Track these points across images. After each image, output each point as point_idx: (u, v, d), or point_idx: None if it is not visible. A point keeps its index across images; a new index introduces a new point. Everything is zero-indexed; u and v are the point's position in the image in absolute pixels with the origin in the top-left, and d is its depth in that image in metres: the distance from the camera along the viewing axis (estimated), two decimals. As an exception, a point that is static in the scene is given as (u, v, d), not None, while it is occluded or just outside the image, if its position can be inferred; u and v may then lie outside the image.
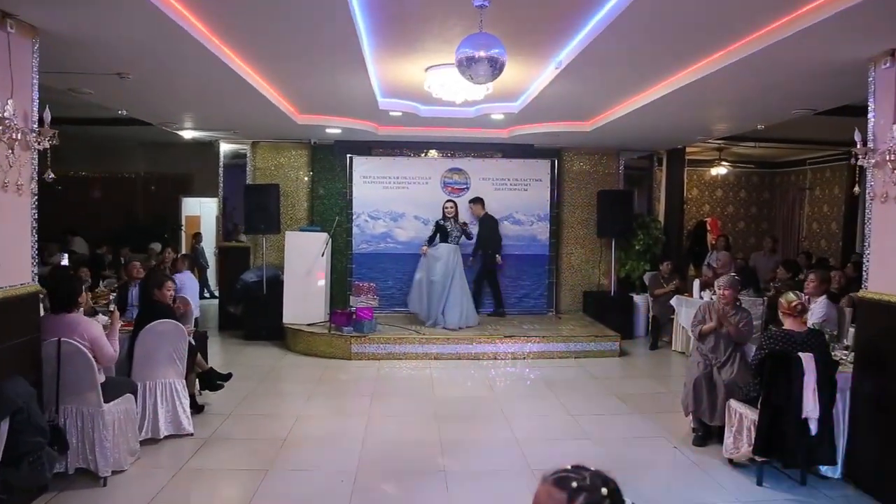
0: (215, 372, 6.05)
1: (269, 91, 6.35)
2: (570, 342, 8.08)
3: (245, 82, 5.60)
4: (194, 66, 5.06)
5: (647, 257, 9.53)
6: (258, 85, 5.95)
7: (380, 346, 7.95)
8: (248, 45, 4.96)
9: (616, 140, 8.88)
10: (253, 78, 5.78)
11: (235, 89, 5.85)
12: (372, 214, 9.67)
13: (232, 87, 5.76)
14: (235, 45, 4.99)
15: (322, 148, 9.73)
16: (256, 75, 5.84)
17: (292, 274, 8.66)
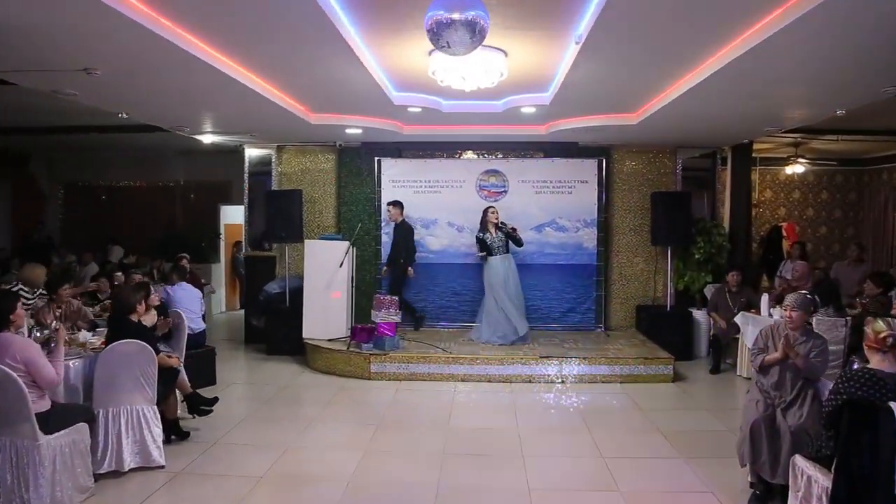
0: (199, 396, 5.45)
1: (263, 86, 5.75)
2: (615, 364, 7.10)
3: (227, 77, 5.04)
4: (159, 57, 4.50)
5: (708, 267, 8.41)
6: (247, 80, 5.37)
7: (401, 366, 7.21)
8: (217, 34, 4.39)
9: (670, 135, 7.83)
10: (238, 72, 5.20)
11: (220, 85, 5.30)
12: (402, 221, 8.96)
13: (215, 83, 5.21)
14: (205, 36, 4.45)
15: (348, 151, 9.11)
16: (245, 70, 5.26)
17: (312, 285, 8.05)
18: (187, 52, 4.38)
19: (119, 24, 3.80)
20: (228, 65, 5.00)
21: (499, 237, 7.80)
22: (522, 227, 8.62)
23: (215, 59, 4.77)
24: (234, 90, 5.47)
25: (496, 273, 7.81)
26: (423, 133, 8.20)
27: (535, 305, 8.80)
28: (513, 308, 7.76)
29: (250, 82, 5.44)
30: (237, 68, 5.16)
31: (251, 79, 5.45)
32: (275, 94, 6.05)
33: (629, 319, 8.98)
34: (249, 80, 5.41)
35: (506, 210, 8.65)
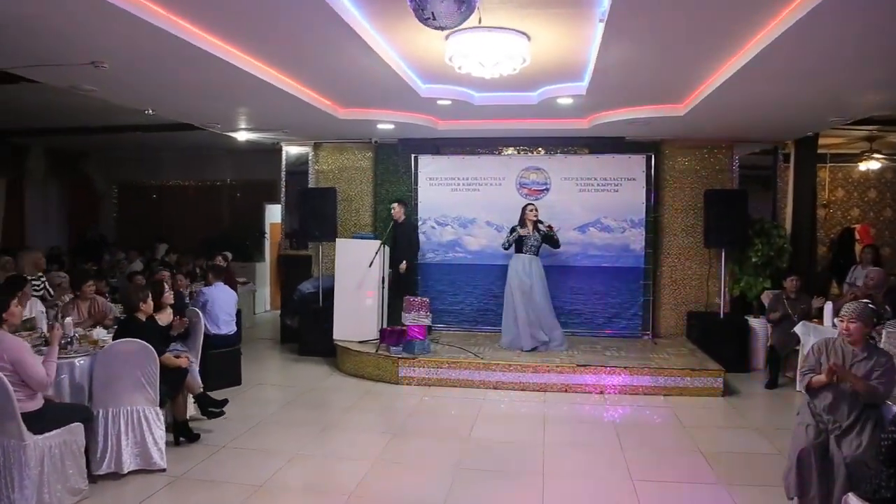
0: (208, 398, 5.28)
1: (278, 78, 5.54)
2: (659, 375, 6.56)
3: (236, 69, 4.88)
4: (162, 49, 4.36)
5: (766, 272, 7.74)
6: (258, 71, 5.18)
7: (430, 370, 6.89)
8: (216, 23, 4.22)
9: (723, 128, 7.23)
10: (248, 63, 5.01)
11: (231, 79, 5.14)
12: (439, 220, 8.65)
13: (225, 76, 5.06)
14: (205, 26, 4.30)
15: (385, 148, 8.86)
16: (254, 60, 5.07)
17: (343, 286, 7.82)
18: (186, 41, 4.22)
19: (117, 15, 3.67)
20: (236, 55, 4.81)
21: (535, 236, 7.38)
22: (565, 228, 8.21)
23: (219, 49, 4.58)
24: (248, 83, 5.29)
25: (517, 272, 7.36)
26: (459, 128, 7.85)
27: (578, 310, 8.33)
28: (532, 314, 7.31)
29: (263, 73, 5.24)
30: (245, 58, 4.96)
31: (263, 70, 5.24)
32: (292, 86, 5.82)
33: (679, 327, 8.37)
34: (260, 71, 5.20)
35: (547, 209, 8.23)
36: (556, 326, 7.42)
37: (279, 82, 5.55)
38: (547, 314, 7.37)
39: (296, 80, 5.77)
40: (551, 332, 7.33)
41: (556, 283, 8.26)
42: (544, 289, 7.41)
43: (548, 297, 7.44)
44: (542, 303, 7.34)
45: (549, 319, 7.37)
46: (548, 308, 7.39)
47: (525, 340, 7.27)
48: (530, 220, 7.36)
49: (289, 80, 5.72)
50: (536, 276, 7.35)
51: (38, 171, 11.62)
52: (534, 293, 7.31)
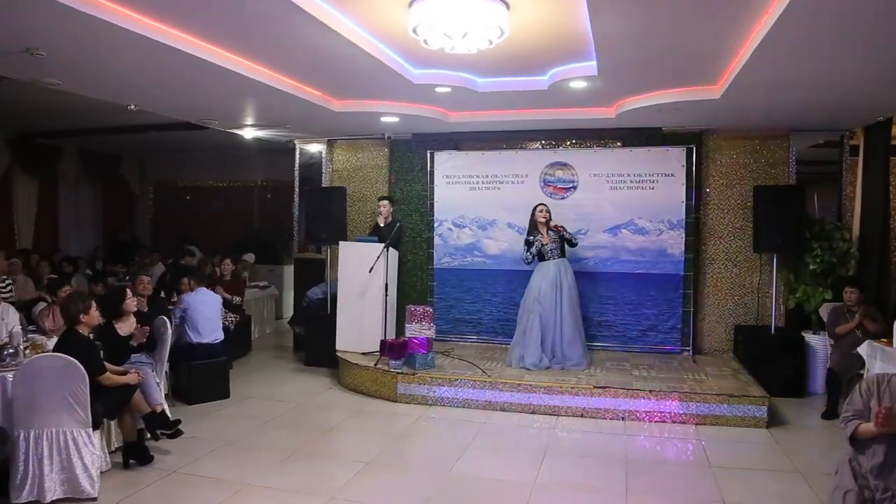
0: (158, 417, 4.76)
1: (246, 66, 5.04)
2: (691, 401, 5.66)
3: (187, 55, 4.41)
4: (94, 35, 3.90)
5: (827, 281, 6.66)
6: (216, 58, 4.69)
7: (431, 388, 6.21)
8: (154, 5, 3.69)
9: (774, 113, 6.21)
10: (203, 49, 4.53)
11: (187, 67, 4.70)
12: (456, 222, 7.96)
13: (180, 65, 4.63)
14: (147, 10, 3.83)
15: (399, 144, 8.25)
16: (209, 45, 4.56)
17: (346, 292, 7.25)
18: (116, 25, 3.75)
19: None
20: (176, 36, 4.29)
21: (553, 239, 6.60)
22: (594, 230, 7.41)
23: (159, 33, 4.11)
24: (208, 71, 4.82)
25: (541, 282, 6.59)
26: (474, 121, 7.16)
27: (608, 322, 7.46)
28: (550, 327, 6.53)
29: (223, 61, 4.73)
30: (192, 41, 4.44)
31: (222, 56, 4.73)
32: (263, 73, 5.29)
33: (725, 342, 7.38)
34: (218, 57, 4.69)
35: (575, 209, 7.46)
36: (578, 343, 6.58)
37: (244, 69, 5.03)
38: (570, 328, 6.53)
39: (267, 66, 5.24)
40: (569, 349, 6.50)
41: (584, 292, 7.39)
42: (573, 300, 6.61)
43: (575, 310, 6.63)
44: (568, 316, 6.52)
45: (570, 334, 6.53)
46: (573, 322, 6.57)
47: (532, 355, 6.50)
48: (540, 221, 6.60)
49: (258, 68, 5.19)
50: (567, 285, 6.54)
51: (72, 173, 11.63)
52: (562, 304, 6.49)
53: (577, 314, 6.64)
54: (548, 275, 6.58)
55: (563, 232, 6.60)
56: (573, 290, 6.60)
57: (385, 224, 7.45)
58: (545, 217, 6.62)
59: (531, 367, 6.44)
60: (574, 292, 6.61)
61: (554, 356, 6.51)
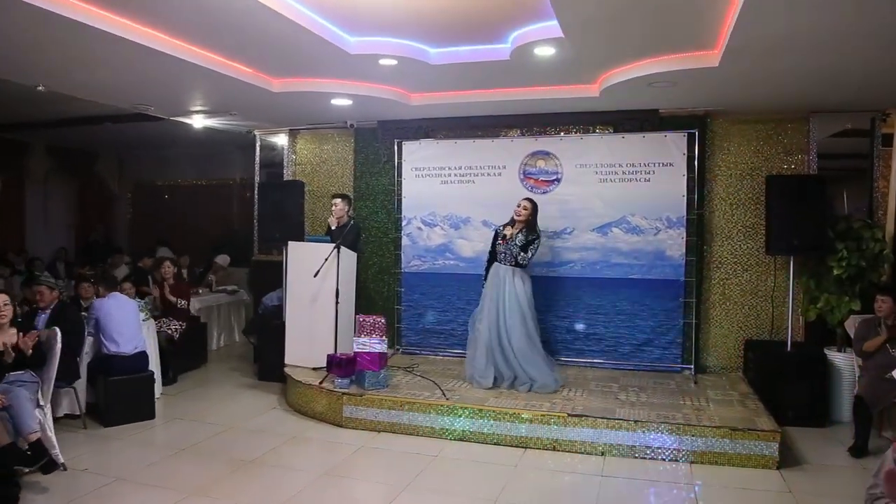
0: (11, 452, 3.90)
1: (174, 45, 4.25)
2: (685, 435, 4.66)
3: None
4: None
5: (856, 289, 5.60)
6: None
7: (380, 412, 5.30)
8: None
9: (789, 87, 5.18)
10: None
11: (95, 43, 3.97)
12: (426, 220, 7.04)
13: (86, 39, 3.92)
14: None
15: (364, 133, 7.36)
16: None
17: (296, 299, 6.39)
18: None
19: None
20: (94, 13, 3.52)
21: (518, 240, 5.67)
22: (581, 228, 6.47)
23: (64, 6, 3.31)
24: (123, 49, 4.05)
25: (492, 283, 5.78)
26: (441, 103, 6.24)
27: (597, 335, 6.48)
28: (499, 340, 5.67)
29: (138, 36, 4.00)
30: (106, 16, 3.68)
31: (136, 31, 3.97)
32: (186, 50, 4.52)
33: (733, 360, 6.35)
34: (132, 32, 3.96)
35: (559, 205, 6.52)
36: (538, 360, 5.63)
37: (162, 45, 4.30)
38: (522, 343, 5.60)
39: (187, 41, 4.45)
40: (530, 368, 5.56)
41: (569, 300, 6.51)
42: (522, 311, 5.65)
43: (526, 323, 5.65)
44: (518, 329, 5.60)
45: (524, 350, 5.59)
46: (525, 336, 5.62)
47: (480, 372, 5.61)
48: (516, 218, 5.70)
49: (178, 43, 4.41)
50: (513, 293, 5.64)
51: (39, 170, 10.97)
52: (505, 314, 5.61)
53: (529, 327, 5.66)
54: (494, 279, 5.75)
55: (509, 243, 5.70)
56: (523, 299, 5.65)
57: (338, 226, 6.56)
58: (519, 215, 5.70)
59: (480, 385, 5.61)
60: (524, 302, 5.65)
61: (517, 377, 5.57)
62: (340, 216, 6.59)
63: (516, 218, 5.74)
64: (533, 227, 5.73)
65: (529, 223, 5.72)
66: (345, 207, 6.60)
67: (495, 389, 5.55)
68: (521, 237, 5.67)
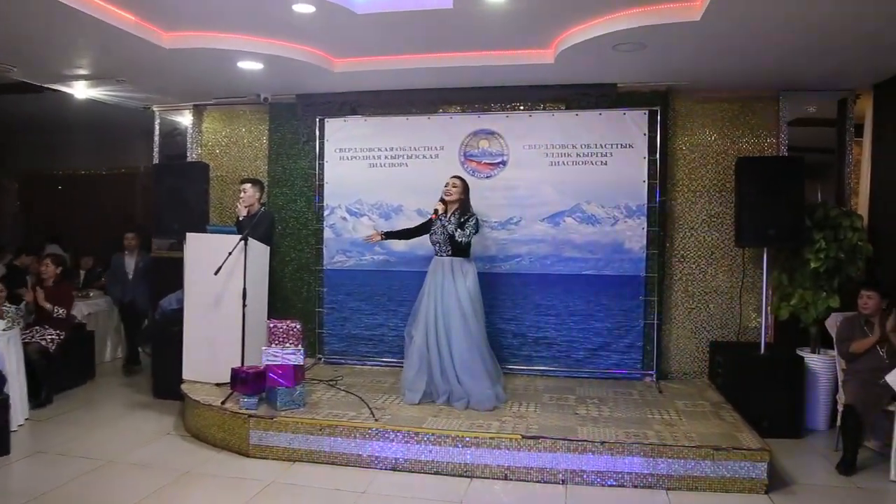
0: None
1: None
2: (660, 456, 3.93)
3: None
4: None
5: (833, 284, 5.05)
6: None
7: (295, 438, 4.36)
8: None
9: (762, 59, 4.58)
10: None
11: None
12: (352, 209, 6.13)
13: None
14: None
15: (281, 109, 6.37)
16: None
17: (195, 301, 5.35)
18: None
19: None
20: None
21: (451, 223, 4.87)
22: (529, 218, 5.68)
23: None
24: None
25: (430, 280, 4.96)
26: (369, 71, 5.33)
27: (547, 339, 5.73)
28: (435, 348, 4.84)
29: None
30: None
31: None
32: None
33: (698, 363, 5.73)
34: None
35: (504, 192, 5.76)
36: (482, 374, 4.80)
37: None
38: (465, 352, 4.77)
39: None
40: (468, 380, 4.74)
41: (516, 300, 5.73)
42: (463, 311, 4.80)
43: (468, 326, 4.79)
44: (456, 333, 4.77)
45: (464, 359, 4.77)
46: (466, 341, 4.78)
47: (411, 385, 4.83)
48: (446, 198, 4.89)
49: None
50: (449, 289, 4.82)
51: None
52: (443, 315, 4.78)
53: (473, 331, 4.81)
54: (433, 276, 4.93)
55: (441, 218, 4.89)
56: (464, 296, 4.81)
57: (248, 216, 5.57)
58: (449, 194, 4.90)
59: (406, 401, 4.80)
60: (466, 300, 4.81)
61: (452, 391, 4.74)
62: (251, 204, 5.61)
63: (446, 198, 4.93)
64: (466, 208, 4.94)
65: (462, 204, 4.92)
66: (255, 194, 5.62)
67: (430, 405, 4.71)
68: (454, 219, 4.86)
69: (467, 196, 4.98)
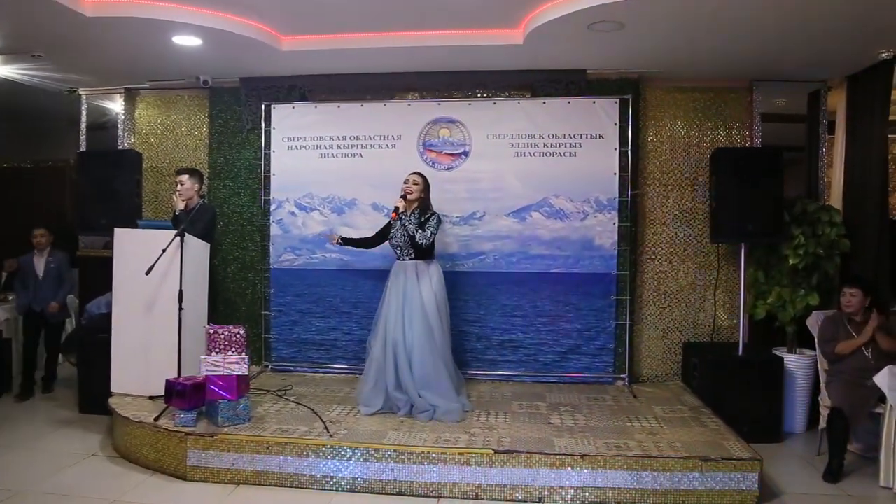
0: None
1: None
2: (645, 469, 3.60)
3: None
4: None
5: (812, 281, 4.84)
6: None
7: (240, 458, 3.86)
8: None
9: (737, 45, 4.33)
10: None
11: None
12: (302, 203, 5.64)
13: None
14: None
15: (223, 94, 5.82)
16: None
17: (125, 305, 4.78)
18: None
19: None
20: None
21: (412, 222, 4.46)
22: (493, 212, 5.31)
23: None
24: None
25: (391, 286, 4.57)
26: (319, 50, 4.86)
27: (513, 342, 5.37)
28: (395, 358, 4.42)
29: None
30: None
31: None
32: None
33: (670, 365, 5.46)
34: None
35: (467, 184, 5.41)
36: (447, 385, 4.40)
37: None
38: (428, 364, 4.37)
39: None
40: (429, 391, 4.34)
41: (480, 300, 5.36)
42: (427, 319, 4.40)
43: (432, 335, 4.39)
44: (419, 343, 4.37)
45: (430, 372, 4.37)
46: (429, 353, 4.38)
47: (367, 399, 4.44)
48: (408, 197, 4.50)
49: None
50: (413, 295, 4.43)
51: None
52: (405, 324, 4.38)
53: (437, 341, 4.41)
54: (394, 281, 4.54)
55: (402, 218, 4.47)
56: (430, 302, 4.42)
57: (186, 210, 5.03)
58: (410, 192, 4.49)
59: (364, 412, 4.39)
60: (432, 306, 4.41)
61: (414, 404, 4.33)
62: (189, 197, 5.07)
63: (408, 196, 4.52)
64: (426, 206, 4.56)
65: (422, 202, 4.53)
66: (194, 185, 5.08)
67: (391, 417, 4.29)
68: (414, 218, 4.46)
69: (427, 193, 4.61)
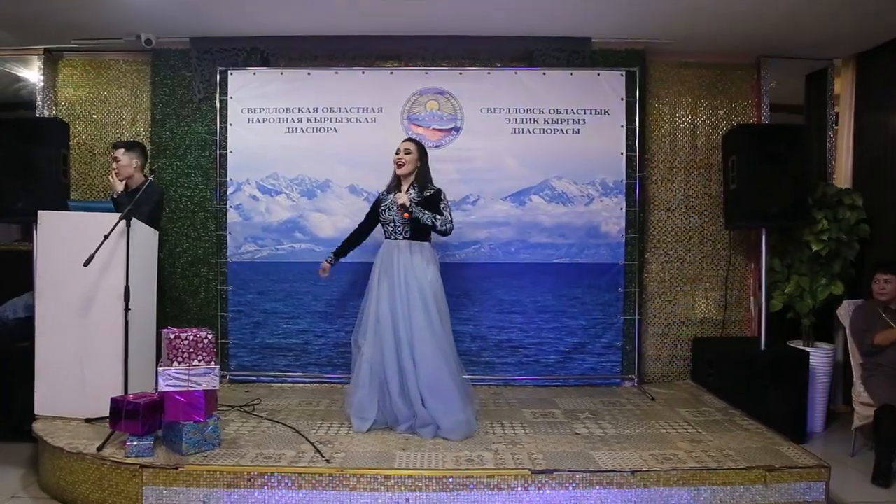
0: None
1: None
2: (703, 484, 3.09)
3: None
4: None
5: (834, 269, 4.52)
6: None
7: (211, 494, 3.09)
8: None
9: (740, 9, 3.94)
10: None
11: None
12: (265, 185, 4.87)
13: None
14: None
15: (170, 57, 4.95)
16: None
17: (53, 306, 3.87)
18: None
19: None
20: None
21: (424, 212, 3.78)
22: (487, 195, 4.71)
23: None
24: None
25: (382, 273, 3.80)
26: (286, 7, 4.12)
27: (512, 342, 4.80)
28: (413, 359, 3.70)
29: None
30: None
31: None
32: None
33: (677, 362, 5.03)
34: None
35: (458, 164, 4.79)
36: (454, 393, 3.68)
37: None
38: (433, 363, 3.69)
39: None
40: (437, 404, 3.64)
41: (474, 296, 4.77)
42: (428, 310, 3.70)
43: (434, 329, 3.69)
44: (423, 338, 3.68)
45: (437, 374, 3.69)
46: (435, 350, 3.69)
47: (361, 410, 3.73)
48: (400, 173, 3.83)
49: None
50: (410, 279, 3.74)
51: None
52: (408, 318, 3.70)
53: (439, 336, 3.70)
54: (386, 265, 3.79)
55: (414, 211, 3.73)
56: (427, 289, 3.72)
57: (126, 191, 4.19)
58: (401, 164, 3.81)
59: (354, 428, 3.71)
60: (431, 294, 3.72)
61: (417, 415, 3.66)
62: (128, 175, 4.22)
63: (399, 172, 3.84)
64: (426, 178, 3.86)
65: (420, 175, 3.85)
66: (133, 161, 4.23)
67: (391, 435, 3.62)
68: (413, 193, 3.80)
69: (424, 162, 3.89)
